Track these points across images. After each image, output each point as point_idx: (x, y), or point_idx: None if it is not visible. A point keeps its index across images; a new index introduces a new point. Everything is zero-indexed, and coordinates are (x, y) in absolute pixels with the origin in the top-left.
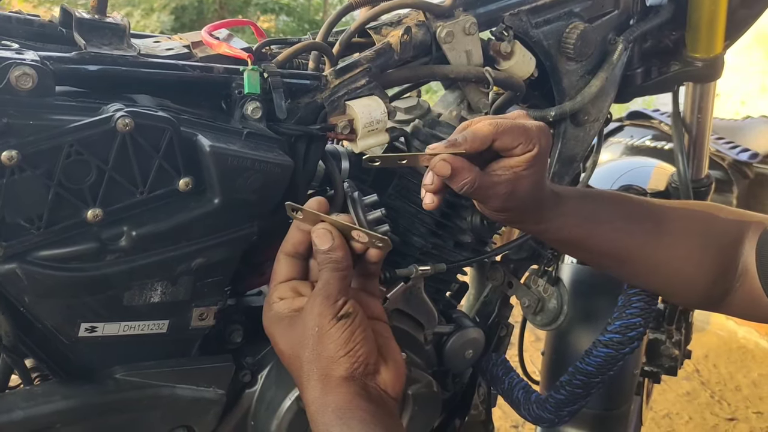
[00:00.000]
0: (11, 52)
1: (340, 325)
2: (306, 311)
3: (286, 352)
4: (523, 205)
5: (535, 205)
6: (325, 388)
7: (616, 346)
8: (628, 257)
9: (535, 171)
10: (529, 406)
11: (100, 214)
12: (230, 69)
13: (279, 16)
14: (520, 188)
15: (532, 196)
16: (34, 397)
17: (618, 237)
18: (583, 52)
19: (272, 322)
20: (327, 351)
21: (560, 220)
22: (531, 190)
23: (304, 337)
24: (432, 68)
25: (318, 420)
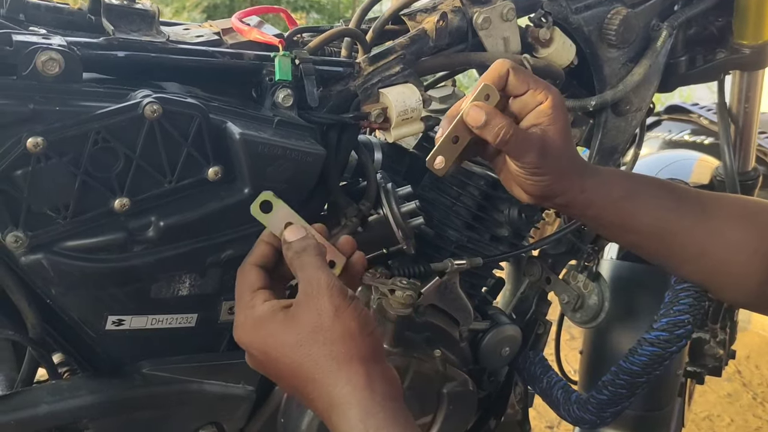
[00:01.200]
0: (38, 37)
1: (355, 303)
2: (313, 297)
3: (288, 350)
4: (560, 165)
5: (573, 167)
6: (365, 372)
7: (663, 344)
8: (676, 240)
9: (560, 126)
10: (569, 407)
11: (128, 203)
12: (261, 56)
13: (309, 13)
14: (551, 142)
15: (565, 154)
16: (59, 392)
17: (666, 216)
18: (626, 38)
19: (262, 324)
20: (350, 330)
21: (604, 190)
22: (562, 145)
23: (318, 322)
24: (468, 56)
25: (360, 406)
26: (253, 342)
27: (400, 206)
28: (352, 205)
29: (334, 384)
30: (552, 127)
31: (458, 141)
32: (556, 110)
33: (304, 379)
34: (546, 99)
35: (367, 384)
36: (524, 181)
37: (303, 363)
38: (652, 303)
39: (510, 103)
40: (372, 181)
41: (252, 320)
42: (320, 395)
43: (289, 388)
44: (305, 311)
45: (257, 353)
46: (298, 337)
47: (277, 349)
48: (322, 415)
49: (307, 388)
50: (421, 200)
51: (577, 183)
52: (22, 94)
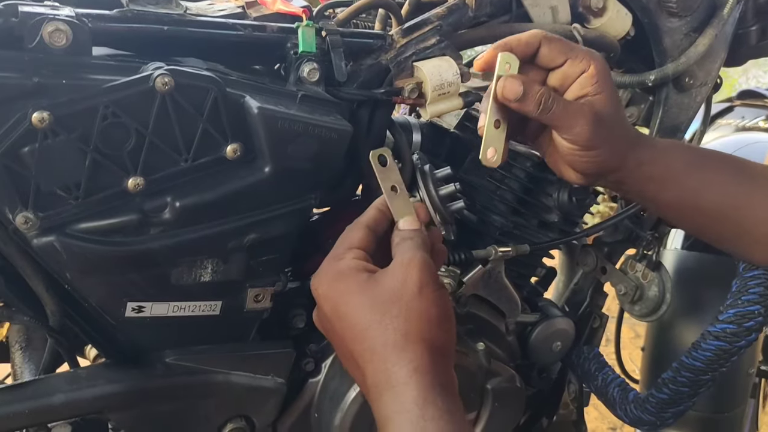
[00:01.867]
0: (46, 8)
1: (443, 293)
2: (403, 267)
3: (360, 310)
4: (612, 136)
5: (627, 138)
6: (431, 359)
7: (730, 338)
8: (745, 219)
9: (608, 94)
10: (626, 406)
11: (142, 183)
12: (285, 28)
13: None
14: (601, 110)
15: (617, 123)
16: (77, 381)
17: (733, 192)
18: (688, 5)
19: (343, 277)
20: (428, 313)
21: (663, 163)
22: (614, 113)
23: (400, 292)
24: (512, 27)
25: (419, 389)
26: (327, 293)
27: (438, 189)
28: None
29: (395, 361)
30: (600, 95)
31: (500, 125)
32: (601, 77)
33: (364, 346)
34: (589, 66)
35: (430, 369)
36: (575, 158)
37: (370, 328)
38: (719, 295)
39: (549, 77)
40: (407, 162)
41: (335, 271)
42: (376, 369)
43: (346, 353)
44: (390, 278)
45: (327, 307)
46: (374, 300)
47: (349, 305)
48: (369, 392)
49: (364, 356)
50: (463, 184)
51: (633, 156)
52: (26, 66)
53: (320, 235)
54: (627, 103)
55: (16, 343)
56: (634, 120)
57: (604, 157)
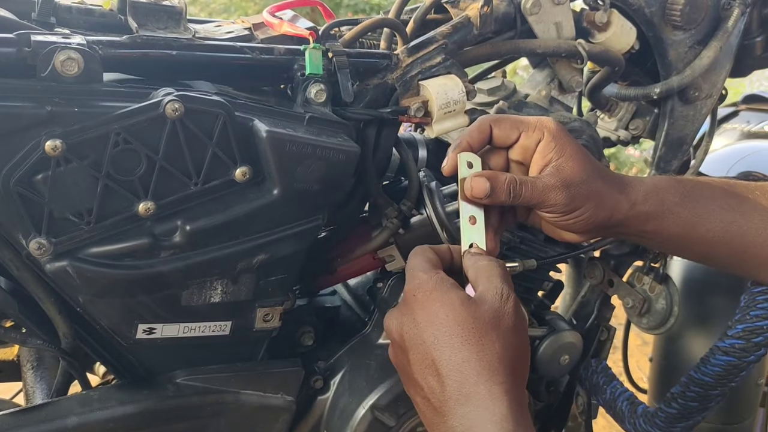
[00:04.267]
0: (58, 36)
1: (526, 331)
2: (502, 302)
3: (460, 321)
4: (592, 189)
5: (609, 185)
6: (515, 382)
7: (739, 353)
8: (747, 242)
9: (570, 152)
10: (635, 420)
11: (152, 207)
12: (292, 50)
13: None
14: (569, 172)
15: (592, 175)
16: (89, 403)
17: (730, 217)
18: (692, 18)
19: (444, 288)
20: (519, 348)
21: (655, 199)
22: (583, 170)
23: (500, 321)
24: (517, 43)
25: (508, 403)
26: (425, 300)
27: (444, 205)
28: (393, 206)
29: (488, 378)
30: (563, 158)
31: (476, 220)
32: (558, 140)
33: (457, 357)
34: (542, 134)
35: (517, 393)
36: (564, 224)
37: (468, 342)
38: (727, 307)
39: (510, 153)
40: (414, 179)
41: (435, 281)
42: (465, 381)
43: (425, 359)
44: (490, 305)
45: (422, 313)
46: (476, 320)
47: (449, 316)
48: (447, 400)
49: (452, 365)
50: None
51: (623, 199)
52: (39, 96)
53: (327, 253)
54: (632, 116)
55: (28, 363)
56: (640, 132)
57: (591, 212)
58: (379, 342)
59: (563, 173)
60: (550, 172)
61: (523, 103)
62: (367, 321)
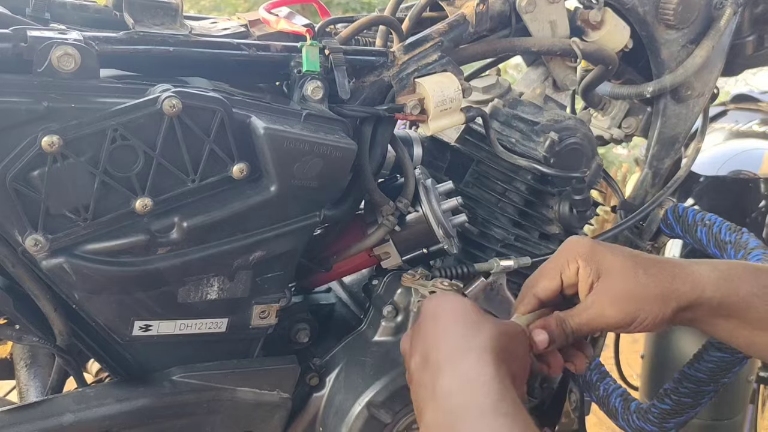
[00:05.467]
0: (54, 32)
1: None
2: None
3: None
4: (646, 296)
5: (667, 282)
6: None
7: (731, 349)
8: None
9: (612, 271)
10: (628, 416)
11: (149, 204)
12: (288, 47)
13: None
14: (615, 290)
15: (642, 282)
16: (86, 400)
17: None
18: (685, 18)
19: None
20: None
21: (725, 288)
22: (632, 281)
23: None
24: (512, 41)
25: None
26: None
27: (440, 203)
28: (389, 203)
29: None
30: (602, 277)
31: None
32: (592, 262)
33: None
34: (576, 262)
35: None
36: (635, 330)
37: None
38: None
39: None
40: (410, 177)
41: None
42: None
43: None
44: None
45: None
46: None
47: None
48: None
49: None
50: (464, 197)
51: (684, 287)
52: (36, 91)
53: (323, 250)
54: (625, 114)
55: (21, 361)
56: (632, 131)
57: (652, 314)
58: (375, 339)
59: (608, 292)
60: (595, 295)
61: (518, 102)
62: (363, 318)
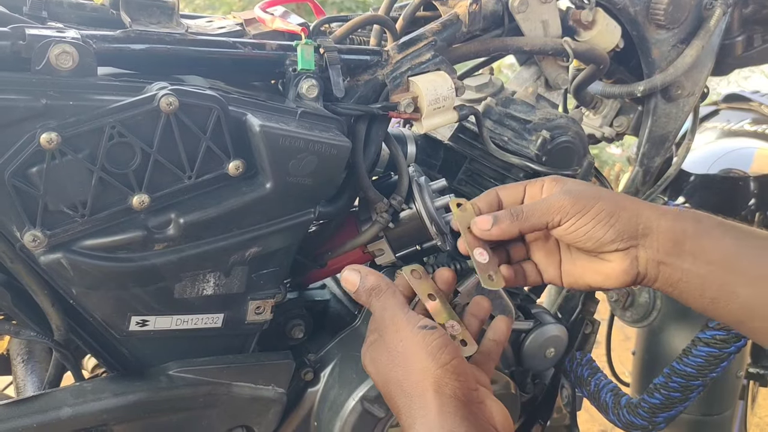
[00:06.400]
0: (52, 30)
1: (425, 333)
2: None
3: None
4: (604, 195)
5: (627, 199)
6: (426, 406)
7: (720, 344)
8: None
9: (576, 181)
10: (618, 411)
11: (147, 200)
12: (284, 45)
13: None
14: (568, 184)
15: (603, 190)
16: (83, 394)
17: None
18: (675, 18)
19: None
20: (417, 363)
21: (690, 218)
22: (592, 187)
23: (390, 356)
24: (504, 41)
25: None
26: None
27: (433, 200)
28: (383, 200)
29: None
30: (563, 186)
31: (488, 258)
32: (558, 180)
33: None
34: (543, 181)
35: (455, 424)
36: (587, 234)
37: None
38: None
39: None
40: (403, 174)
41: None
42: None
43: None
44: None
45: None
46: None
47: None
48: None
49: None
50: (457, 194)
51: (647, 207)
52: (35, 89)
53: (318, 246)
54: (617, 113)
55: (18, 356)
56: (624, 129)
57: (607, 212)
58: None
59: (564, 187)
60: (554, 191)
61: (510, 100)
62: (357, 314)
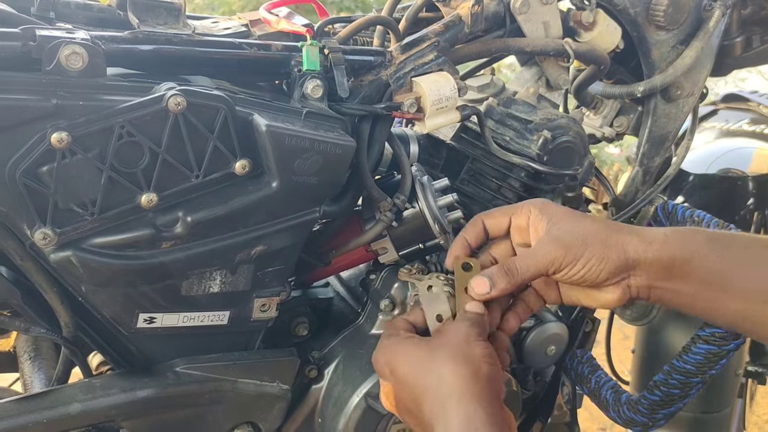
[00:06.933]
0: (62, 31)
1: (483, 342)
2: (453, 325)
3: (416, 362)
4: (593, 237)
5: (614, 232)
6: (475, 379)
7: (719, 341)
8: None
9: (563, 217)
10: (619, 408)
11: (155, 199)
12: (289, 46)
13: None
14: (562, 230)
15: (590, 225)
16: (92, 390)
17: None
18: (675, 19)
19: (401, 344)
20: (475, 352)
21: (677, 242)
22: (579, 225)
23: (448, 341)
24: (506, 42)
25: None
26: (388, 359)
27: (436, 199)
28: (386, 199)
29: (446, 393)
30: (551, 223)
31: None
32: (545, 212)
33: (419, 390)
34: (530, 210)
35: (475, 399)
36: (581, 277)
37: (424, 372)
38: None
39: (512, 239)
40: (407, 174)
41: (393, 341)
42: (430, 404)
43: (407, 401)
44: (441, 336)
45: (388, 371)
46: (428, 350)
47: (406, 360)
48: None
49: (420, 397)
50: (459, 194)
51: (634, 240)
52: (45, 89)
53: (322, 245)
54: (617, 113)
55: (25, 353)
56: (624, 129)
57: (597, 256)
58: (372, 332)
59: (554, 233)
60: (542, 237)
61: (512, 100)
62: (360, 312)
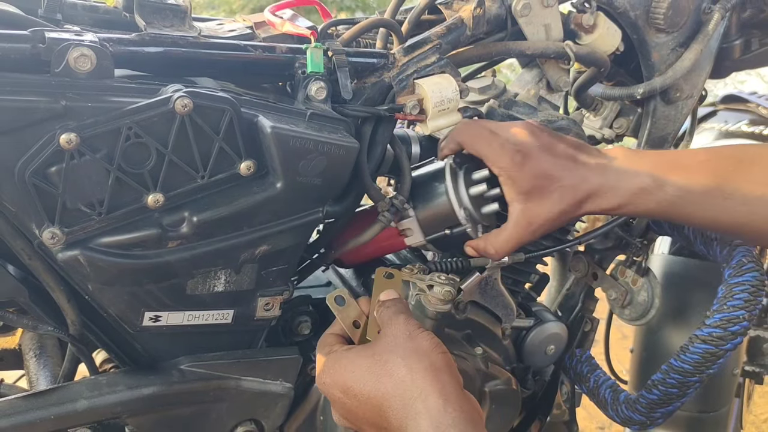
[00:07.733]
0: (70, 33)
1: (428, 331)
2: (390, 326)
3: (365, 372)
4: None
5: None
6: (439, 384)
7: (716, 341)
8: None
9: None
10: (617, 407)
11: (161, 199)
12: (293, 48)
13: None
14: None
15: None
16: (98, 387)
17: None
18: (675, 22)
19: (341, 357)
20: (422, 347)
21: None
22: None
23: (393, 343)
24: (507, 44)
25: (430, 416)
26: (334, 379)
27: (469, 187)
28: (384, 199)
29: (409, 396)
30: None
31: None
32: None
33: (379, 399)
34: None
35: (440, 395)
36: None
37: (379, 380)
38: (705, 300)
39: None
40: (406, 174)
41: (332, 359)
42: (395, 411)
43: (369, 415)
44: (381, 339)
45: (338, 391)
46: (374, 357)
47: (354, 374)
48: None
49: (382, 406)
50: None
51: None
52: (54, 91)
53: (325, 245)
54: (616, 115)
55: (30, 351)
56: (623, 131)
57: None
58: None
59: None
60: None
61: (513, 102)
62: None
